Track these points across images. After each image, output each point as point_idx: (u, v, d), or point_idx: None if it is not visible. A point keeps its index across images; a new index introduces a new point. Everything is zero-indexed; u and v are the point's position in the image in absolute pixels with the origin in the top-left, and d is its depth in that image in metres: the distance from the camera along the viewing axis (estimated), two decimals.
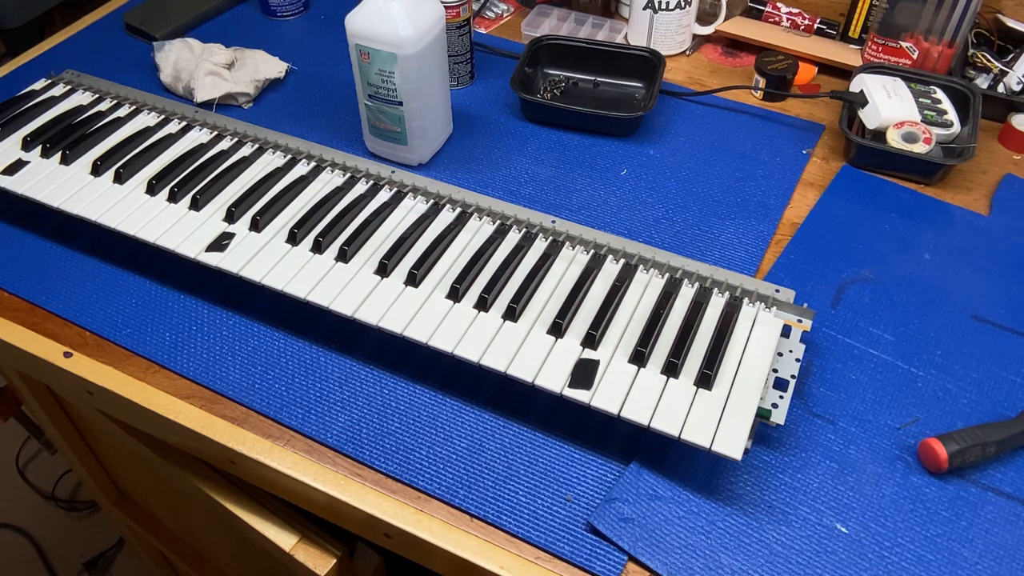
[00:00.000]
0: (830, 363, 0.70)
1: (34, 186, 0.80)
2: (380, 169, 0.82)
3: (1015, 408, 0.67)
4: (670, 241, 0.81)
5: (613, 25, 1.10)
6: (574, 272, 0.72)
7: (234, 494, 0.74)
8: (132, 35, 1.11)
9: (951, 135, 0.88)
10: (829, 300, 0.76)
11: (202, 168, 0.82)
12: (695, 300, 0.69)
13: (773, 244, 0.81)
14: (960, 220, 0.84)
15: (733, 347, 0.65)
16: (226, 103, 0.98)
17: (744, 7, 1.10)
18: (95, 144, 0.85)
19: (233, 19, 1.14)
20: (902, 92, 0.91)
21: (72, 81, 0.95)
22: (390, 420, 0.67)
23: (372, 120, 0.87)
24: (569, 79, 1.01)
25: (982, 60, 0.97)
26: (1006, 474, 0.63)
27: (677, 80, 1.02)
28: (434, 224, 0.77)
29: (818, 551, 0.59)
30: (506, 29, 1.12)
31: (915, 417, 0.67)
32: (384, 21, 0.78)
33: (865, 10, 1.01)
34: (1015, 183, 0.88)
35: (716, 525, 0.60)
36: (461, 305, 0.69)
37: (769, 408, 0.62)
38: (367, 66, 0.82)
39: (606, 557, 0.58)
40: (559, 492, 0.62)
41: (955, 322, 0.74)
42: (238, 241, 0.75)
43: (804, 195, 0.87)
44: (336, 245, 0.74)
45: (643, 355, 0.64)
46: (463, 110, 0.97)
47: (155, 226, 0.76)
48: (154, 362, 0.72)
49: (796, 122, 0.96)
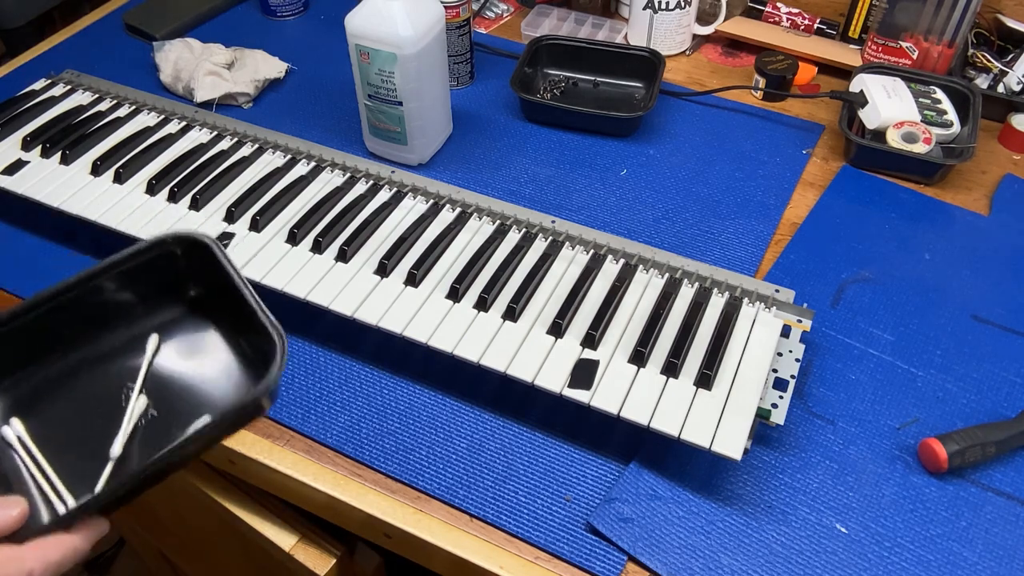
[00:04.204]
0: (830, 363, 0.70)
1: (34, 186, 0.80)
2: (380, 169, 0.82)
3: (1015, 408, 0.67)
4: (670, 241, 0.81)
5: (613, 25, 1.10)
6: (574, 272, 0.72)
7: (234, 494, 0.74)
8: (132, 35, 1.11)
9: (951, 135, 0.88)
10: (829, 300, 0.76)
11: (202, 168, 0.82)
12: (695, 300, 0.69)
13: (773, 244, 0.81)
14: (960, 220, 0.84)
15: (733, 347, 0.65)
16: (226, 103, 0.98)
17: (744, 7, 1.10)
18: (95, 144, 0.85)
19: (233, 19, 1.14)
20: (902, 92, 0.91)
21: (72, 81, 0.95)
22: (390, 420, 0.67)
23: (372, 120, 0.87)
24: (569, 79, 1.01)
25: (982, 60, 0.97)
26: (1006, 474, 0.63)
27: (677, 80, 1.02)
28: (434, 224, 0.77)
29: (818, 551, 0.59)
30: (506, 29, 1.12)
31: (915, 417, 0.67)
32: (384, 21, 0.78)
33: (865, 10, 1.01)
34: (1015, 183, 0.88)
35: (716, 525, 0.60)
36: (461, 305, 0.69)
37: (769, 408, 0.62)
38: (367, 66, 0.82)
39: (606, 557, 0.58)
40: (559, 492, 0.62)
41: (955, 322, 0.74)
42: (238, 241, 0.75)
43: (804, 195, 0.87)
44: (336, 245, 0.74)
45: (643, 355, 0.64)
46: (463, 110, 0.97)
47: (155, 226, 0.76)
48: None
49: (796, 122, 0.96)
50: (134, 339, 0.48)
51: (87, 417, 0.45)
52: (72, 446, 0.44)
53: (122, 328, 0.48)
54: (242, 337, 0.48)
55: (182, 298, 0.49)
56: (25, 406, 0.45)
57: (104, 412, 0.45)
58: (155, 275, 0.47)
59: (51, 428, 0.45)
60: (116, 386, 0.46)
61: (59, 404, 0.46)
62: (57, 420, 0.45)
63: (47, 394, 0.46)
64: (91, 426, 0.45)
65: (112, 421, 0.44)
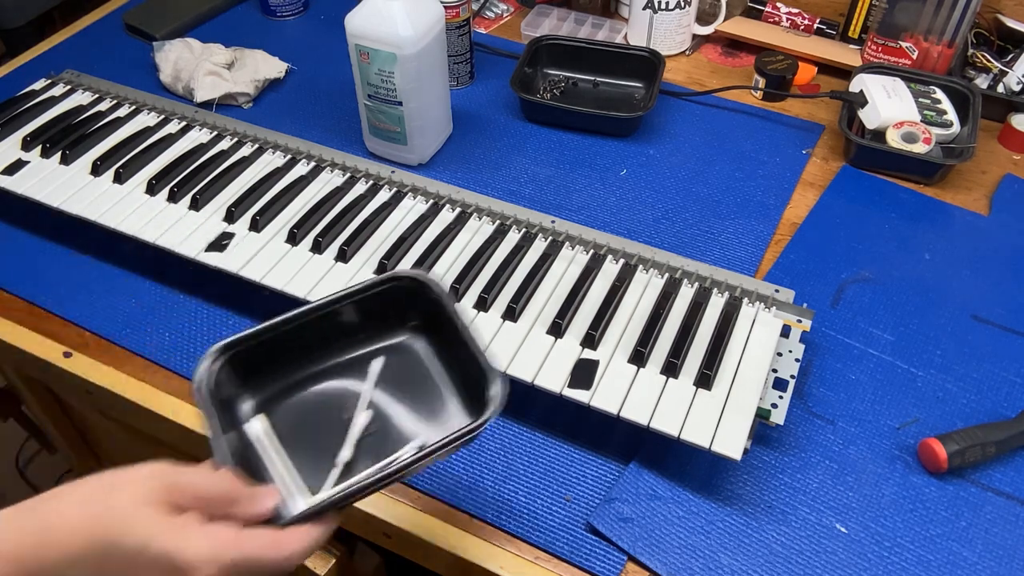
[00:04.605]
0: (830, 363, 0.70)
1: (34, 186, 0.80)
2: (380, 169, 0.82)
3: (1015, 408, 0.67)
4: (670, 241, 0.81)
5: (613, 25, 1.10)
6: (574, 272, 0.72)
7: None
8: (132, 35, 1.11)
9: (951, 135, 0.88)
10: (829, 300, 0.76)
11: (202, 168, 0.82)
12: (695, 300, 0.69)
13: (773, 244, 0.81)
14: (960, 220, 0.84)
15: (733, 347, 0.65)
16: (226, 103, 0.98)
17: (744, 7, 1.10)
18: (95, 144, 0.85)
19: (233, 19, 1.14)
20: (902, 92, 0.91)
21: (72, 81, 0.95)
22: None
23: (372, 120, 0.87)
24: (569, 79, 1.01)
25: (982, 60, 0.97)
26: (1006, 474, 0.63)
27: (677, 80, 1.02)
28: (434, 224, 0.77)
29: (818, 551, 0.59)
30: (506, 29, 1.12)
31: (915, 417, 0.67)
32: (384, 21, 0.78)
33: (865, 10, 1.01)
34: (1015, 183, 0.88)
35: (716, 525, 0.60)
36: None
37: (769, 408, 0.62)
38: (367, 66, 0.82)
39: (606, 557, 0.58)
40: (559, 492, 0.62)
41: (955, 322, 0.74)
42: (238, 241, 0.75)
43: (804, 195, 0.87)
44: (336, 245, 0.74)
45: (643, 355, 0.64)
46: (463, 110, 0.97)
47: (155, 226, 0.76)
48: (154, 362, 0.72)
49: (796, 122, 0.96)
50: (360, 359, 0.54)
51: (315, 424, 0.50)
52: (301, 448, 0.49)
53: (351, 348, 0.54)
54: (455, 365, 0.53)
55: (404, 325, 0.55)
56: (267, 407, 0.51)
57: (329, 422, 0.50)
58: (384, 304, 0.53)
59: (285, 429, 0.50)
60: (341, 400, 0.52)
61: (293, 409, 0.51)
62: (291, 423, 0.50)
63: (285, 399, 0.51)
64: (318, 433, 0.50)
65: (336, 431, 0.50)
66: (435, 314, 0.52)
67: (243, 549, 0.39)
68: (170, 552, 0.38)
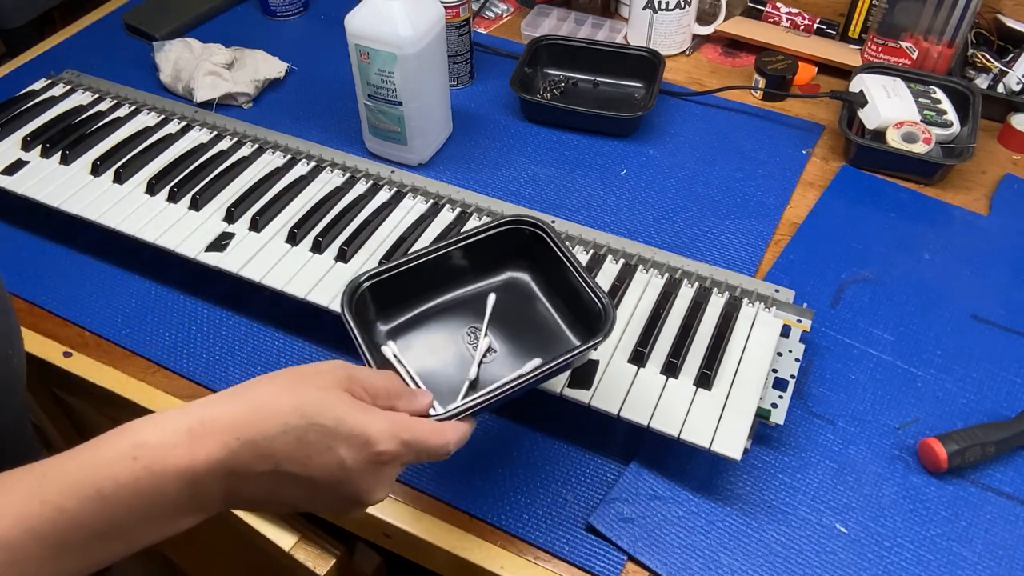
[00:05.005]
0: (830, 363, 0.70)
1: (34, 186, 0.80)
2: (380, 169, 0.82)
3: (1015, 408, 0.67)
4: (670, 241, 0.81)
5: (613, 25, 1.10)
6: None
7: None
8: (132, 35, 1.11)
9: (951, 135, 0.88)
10: (829, 300, 0.76)
11: (202, 168, 0.82)
12: (695, 300, 0.69)
13: (773, 244, 0.81)
14: (960, 220, 0.84)
15: (733, 347, 0.65)
16: (226, 103, 0.98)
17: (744, 7, 1.10)
18: (95, 144, 0.86)
19: (233, 19, 1.14)
20: (902, 92, 0.91)
21: (72, 81, 0.95)
22: None
23: (372, 120, 0.87)
24: (569, 79, 1.01)
25: (982, 60, 0.97)
26: (1006, 474, 0.63)
27: (677, 80, 1.02)
28: (434, 224, 0.76)
29: (818, 551, 0.59)
30: (506, 29, 1.12)
31: (915, 417, 0.67)
32: (384, 21, 0.78)
33: (865, 10, 1.01)
34: (1015, 183, 0.88)
35: (716, 525, 0.60)
36: None
37: (769, 408, 0.62)
38: (367, 66, 0.82)
39: (606, 557, 0.58)
40: (559, 492, 0.62)
41: (955, 322, 0.74)
42: (238, 241, 0.75)
43: (804, 195, 0.87)
44: (336, 245, 0.74)
45: (643, 355, 0.64)
46: (463, 110, 0.97)
47: (155, 226, 0.76)
48: (154, 362, 0.72)
49: (796, 122, 0.96)
50: (475, 293, 0.61)
51: (440, 349, 0.59)
52: (427, 371, 0.56)
53: (466, 284, 0.61)
54: (560, 296, 0.60)
55: (514, 263, 0.62)
56: (398, 333, 0.59)
57: (452, 347, 0.59)
58: (503, 245, 0.60)
59: (413, 355, 0.57)
60: (460, 330, 0.60)
61: (421, 336, 0.59)
62: (419, 349, 0.58)
63: (412, 329, 0.60)
64: (443, 356, 0.58)
65: (458, 354, 0.58)
66: (543, 252, 0.59)
67: (414, 432, 0.46)
68: (362, 426, 0.44)
